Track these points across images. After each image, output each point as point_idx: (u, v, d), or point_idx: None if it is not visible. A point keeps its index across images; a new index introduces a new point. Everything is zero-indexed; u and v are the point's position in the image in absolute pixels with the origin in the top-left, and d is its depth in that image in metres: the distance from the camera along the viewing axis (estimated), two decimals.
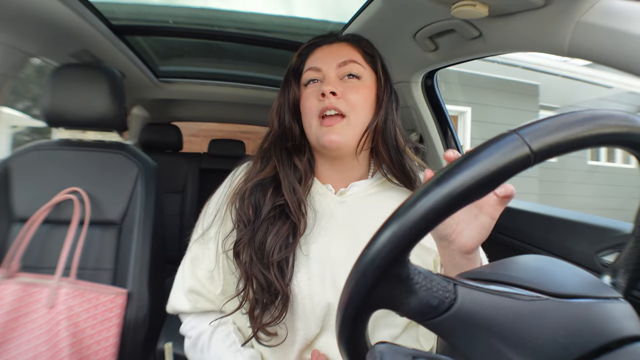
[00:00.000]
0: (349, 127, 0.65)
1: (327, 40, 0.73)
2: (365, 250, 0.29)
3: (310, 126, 0.68)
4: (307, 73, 0.70)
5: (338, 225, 0.67)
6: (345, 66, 0.68)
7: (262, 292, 0.62)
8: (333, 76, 0.67)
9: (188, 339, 0.71)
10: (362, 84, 0.68)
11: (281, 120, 0.71)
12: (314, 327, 0.63)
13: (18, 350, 0.90)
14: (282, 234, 0.64)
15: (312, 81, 0.69)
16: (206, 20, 1.41)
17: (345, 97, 0.65)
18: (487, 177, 0.26)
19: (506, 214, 1.10)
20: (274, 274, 0.62)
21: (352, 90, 0.66)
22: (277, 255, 0.62)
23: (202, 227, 0.72)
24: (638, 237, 0.36)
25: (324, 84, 0.66)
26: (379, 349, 0.30)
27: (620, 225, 0.79)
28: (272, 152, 0.71)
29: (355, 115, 0.66)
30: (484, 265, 0.35)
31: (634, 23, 0.56)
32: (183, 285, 0.70)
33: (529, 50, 0.79)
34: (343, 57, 0.68)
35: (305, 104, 0.69)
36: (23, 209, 1.05)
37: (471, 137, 5.27)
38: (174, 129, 2.30)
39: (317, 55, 0.71)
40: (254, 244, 0.64)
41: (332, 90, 0.64)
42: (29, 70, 1.33)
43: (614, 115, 0.29)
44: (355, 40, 0.72)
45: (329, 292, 0.63)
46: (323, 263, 0.64)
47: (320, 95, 0.65)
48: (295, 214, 0.65)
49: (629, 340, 0.28)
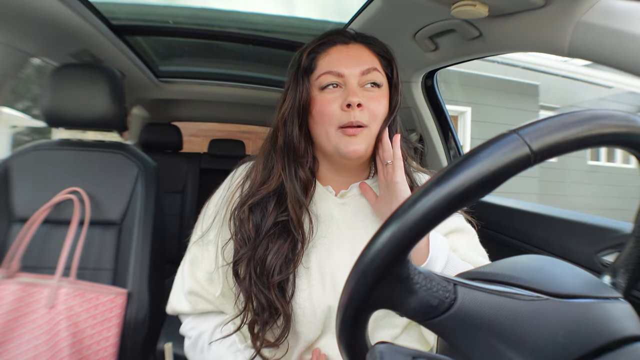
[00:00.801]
0: (369, 136, 0.64)
1: (341, 39, 0.68)
2: (365, 250, 0.29)
3: (328, 134, 0.64)
4: (325, 76, 0.64)
5: (338, 228, 0.67)
6: (368, 74, 0.64)
7: (263, 311, 0.61)
8: (356, 84, 0.64)
9: (188, 339, 0.71)
10: (382, 93, 0.66)
11: (288, 128, 0.66)
12: (315, 330, 0.63)
13: (18, 350, 0.90)
14: (282, 252, 0.61)
15: (330, 85, 0.64)
16: (206, 20, 1.41)
17: (367, 107, 0.63)
18: (487, 177, 0.26)
19: (506, 214, 1.11)
20: (274, 294, 0.60)
21: (373, 100, 0.64)
22: (278, 277, 0.60)
23: (202, 229, 0.71)
24: (638, 237, 0.36)
25: (348, 93, 0.62)
26: (379, 349, 0.30)
27: (620, 225, 0.79)
28: (277, 162, 0.67)
29: (375, 125, 0.64)
30: (484, 265, 0.35)
31: (634, 23, 0.56)
32: (183, 287, 0.70)
33: (529, 51, 0.79)
34: (366, 63, 0.64)
35: (323, 110, 0.64)
36: (23, 209, 1.05)
37: (471, 137, 5.27)
38: (174, 129, 2.30)
39: (335, 57, 0.66)
40: (253, 262, 0.62)
41: (359, 102, 0.61)
42: (29, 70, 1.33)
43: (614, 115, 0.29)
44: (374, 44, 0.68)
45: (329, 295, 0.62)
46: (323, 267, 0.64)
47: (345, 106, 0.62)
48: (297, 229, 0.63)
49: (629, 340, 0.28)
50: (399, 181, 0.60)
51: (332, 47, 0.67)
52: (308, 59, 0.67)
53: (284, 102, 0.68)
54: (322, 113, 0.64)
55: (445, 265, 0.61)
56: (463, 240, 0.69)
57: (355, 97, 0.61)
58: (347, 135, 0.62)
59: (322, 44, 0.68)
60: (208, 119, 2.81)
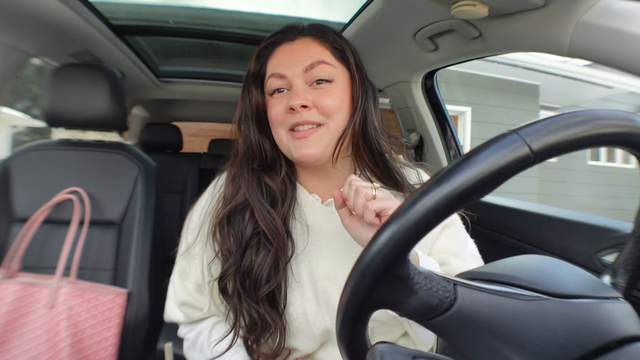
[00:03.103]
0: (327, 135, 0.59)
1: (287, 36, 0.63)
2: (365, 250, 0.29)
3: (281, 138, 0.61)
4: (270, 80, 0.61)
5: (327, 238, 0.63)
6: (312, 70, 0.59)
7: (255, 326, 0.59)
8: (300, 84, 0.59)
9: (187, 341, 0.71)
10: (336, 87, 0.60)
11: (246, 136, 0.63)
12: (312, 345, 0.62)
13: (18, 350, 0.90)
14: (267, 262, 0.58)
15: (277, 90, 0.61)
16: (206, 20, 1.41)
17: (318, 105, 0.58)
18: (487, 177, 0.26)
19: (506, 214, 1.11)
20: (264, 309, 0.58)
21: (324, 96, 0.59)
22: (265, 288, 0.58)
23: (187, 242, 0.68)
24: (638, 237, 0.36)
25: (291, 95, 0.58)
26: (379, 349, 0.30)
27: (620, 225, 0.79)
28: (239, 175, 0.64)
29: (334, 121, 0.59)
30: (484, 265, 0.35)
31: (634, 23, 0.56)
32: (175, 299, 0.69)
33: (529, 50, 0.79)
34: (309, 58, 0.60)
35: (272, 114, 0.61)
36: (23, 209, 1.05)
37: (471, 137, 5.27)
38: (174, 129, 2.31)
39: (279, 57, 0.62)
40: (240, 276, 0.59)
41: (302, 104, 0.57)
42: (29, 70, 1.32)
43: (614, 115, 0.29)
44: (320, 34, 0.63)
45: (325, 313, 0.61)
46: (314, 281, 0.62)
47: (289, 109, 0.58)
48: (274, 239, 0.59)
49: (628, 340, 0.28)
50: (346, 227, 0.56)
51: (278, 47, 0.63)
52: (257, 64, 0.64)
53: (237, 112, 0.66)
54: (271, 118, 0.61)
55: None
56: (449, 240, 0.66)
57: (296, 99, 0.57)
58: (296, 139, 0.59)
59: (269, 45, 0.64)
60: (208, 119, 2.81)
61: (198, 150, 2.51)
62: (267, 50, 0.64)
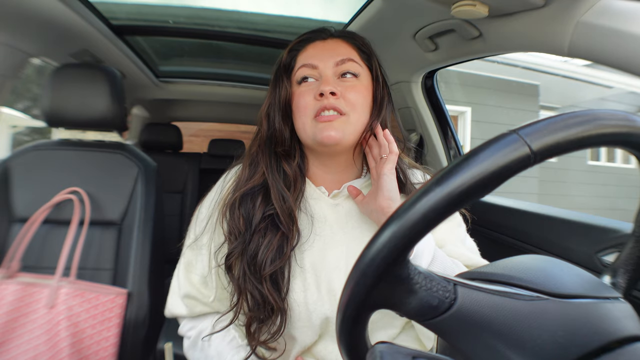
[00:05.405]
0: (348, 124, 0.63)
1: (320, 35, 0.69)
2: (365, 250, 0.29)
3: (305, 125, 0.64)
4: (301, 70, 0.66)
5: (332, 229, 0.66)
6: (343, 65, 0.65)
7: (258, 308, 0.61)
8: (330, 74, 0.64)
9: (187, 340, 0.71)
10: (360, 83, 0.66)
11: (270, 122, 0.68)
12: (312, 335, 0.63)
13: (18, 350, 0.90)
14: (273, 246, 0.61)
15: (306, 79, 0.66)
16: (206, 20, 1.41)
17: (344, 97, 0.63)
18: (487, 177, 0.26)
19: (506, 214, 1.11)
20: (267, 289, 0.60)
21: (351, 90, 0.64)
22: (269, 268, 0.60)
23: (195, 233, 0.70)
24: (638, 237, 0.36)
25: (322, 83, 0.63)
26: (379, 349, 0.30)
27: (620, 225, 0.79)
28: (260, 157, 0.68)
29: (355, 114, 0.64)
30: (484, 265, 0.35)
31: (634, 23, 0.56)
32: (179, 291, 0.70)
33: (529, 50, 0.79)
34: (340, 54, 0.65)
35: (299, 102, 0.65)
36: (23, 209, 1.05)
37: (471, 137, 5.27)
38: (174, 129, 2.30)
39: (311, 52, 0.67)
40: (246, 257, 0.62)
41: (332, 91, 0.61)
42: (29, 70, 1.32)
43: (614, 115, 0.29)
44: (351, 37, 0.69)
45: (326, 301, 0.62)
46: (318, 270, 0.63)
47: (318, 95, 0.62)
48: (285, 223, 0.62)
49: (628, 340, 0.28)
50: (386, 173, 0.61)
51: (310, 43, 0.69)
52: (289, 57, 0.69)
53: (267, 99, 0.70)
54: (298, 106, 0.65)
55: (432, 262, 0.60)
56: (449, 232, 0.68)
57: (327, 85, 0.61)
58: (321, 122, 0.62)
59: (301, 41, 0.70)
60: (208, 119, 2.80)
61: (198, 151, 2.51)
62: (300, 45, 0.69)
